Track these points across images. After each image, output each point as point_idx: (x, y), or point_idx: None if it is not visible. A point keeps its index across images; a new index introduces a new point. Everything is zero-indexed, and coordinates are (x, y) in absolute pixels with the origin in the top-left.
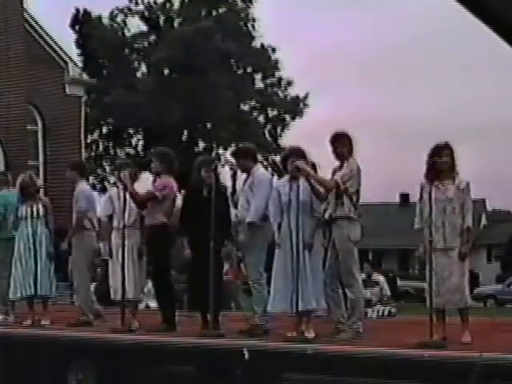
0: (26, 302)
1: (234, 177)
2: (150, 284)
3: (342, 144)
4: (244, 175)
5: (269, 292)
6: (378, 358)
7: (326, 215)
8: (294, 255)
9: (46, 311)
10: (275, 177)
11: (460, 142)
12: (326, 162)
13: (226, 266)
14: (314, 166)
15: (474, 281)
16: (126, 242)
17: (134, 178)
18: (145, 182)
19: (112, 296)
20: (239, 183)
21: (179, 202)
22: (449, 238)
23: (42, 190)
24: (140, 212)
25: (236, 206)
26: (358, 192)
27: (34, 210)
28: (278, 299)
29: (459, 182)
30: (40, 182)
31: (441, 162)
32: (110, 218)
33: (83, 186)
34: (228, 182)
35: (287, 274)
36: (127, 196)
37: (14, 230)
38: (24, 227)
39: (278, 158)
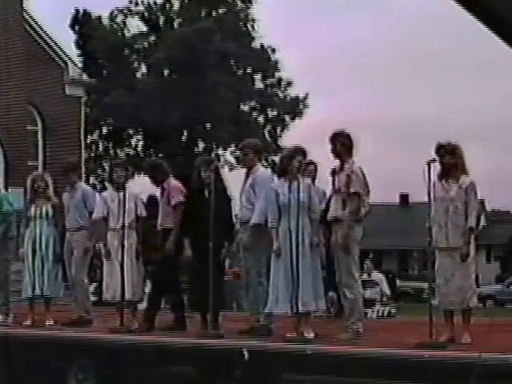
0: (28, 302)
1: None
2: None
3: (341, 143)
4: (243, 175)
5: (267, 292)
6: (378, 358)
7: (329, 216)
8: (294, 256)
9: (48, 312)
10: (275, 177)
11: (459, 142)
12: (325, 163)
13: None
14: (315, 167)
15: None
16: (126, 243)
17: (128, 177)
18: (144, 182)
19: (104, 296)
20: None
21: None
22: (451, 237)
23: (52, 190)
24: (137, 213)
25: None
26: (363, 193)
27: (44, 210)
28: (278, 300)
29: (463, 181)
30: (50, 181)
31: (442, 162)
32: (105, 218)
33: (87, 187)
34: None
35: (287, 274)
36: (126, 196)
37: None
38: (32, 227)
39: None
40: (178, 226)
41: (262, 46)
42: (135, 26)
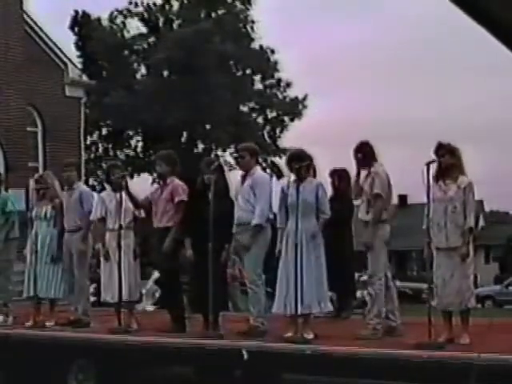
0: (31, 302)
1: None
2: (148, 286)
3: (363, 154)
4: (239, 177)
5: (270, 293)
6: (377, 358)
7: (358, 219)
8: (299, 257)
9: (52, 313)
10: (273, 178)
11: (459, 143)
12: (325, 163)
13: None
14: (314, 170)
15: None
16: (124, 243)
17: (126, 177)
18: (144, 183)
19: (102, 297)
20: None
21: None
22: (451, 237)
23: (56, 190)
24: (135, 213)
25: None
26: (384, 195)
27: (43, 210)
28: (283, 301)
29: (461, 181)
30: (55, 181)
31: (439, 162)
32: (103, 219)
33: (85, 187)
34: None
35: (291, 275)
36: (123, 196)
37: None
38: (34, 228)
39: (278, 160)
40: (179, 224)
41: (261, 46)
42: (135, 27)
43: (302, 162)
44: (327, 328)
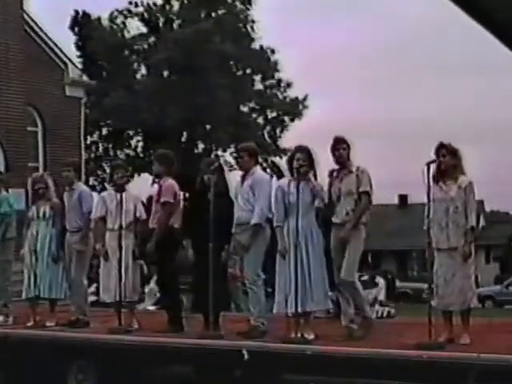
0: (30, 303)
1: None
2: (151, 285)
3: (344, 148)
4: (239, 177)
5: (271, 293)
6: (377, 358)
7: (340, 220)
8: (301, 255)
9: (53, 313)
10: (274, 178)
11: (459, 143)
12: (325, 163)
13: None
14: (314, 170)
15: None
16: (123, 243)
17: (126, 181)
18: (144, 183)
19: (101, 297)
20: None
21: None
22: (453, 237)
23: (52, 191)
24: (135, 214)
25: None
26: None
27: (42, 210)
28: (285, 300)
29: (461, 181)
30: (51, 182)
31: (440, 162)
32: (103, 218)
33: (85, 187)
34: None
35: (294, 274)
36: (125, 197)
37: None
38: (31, 228)
39: (278, 160)
40: (162, 225)
41: (261, 47)
42: (135, 27)
43: (304, 160)
44: (327, 328)
